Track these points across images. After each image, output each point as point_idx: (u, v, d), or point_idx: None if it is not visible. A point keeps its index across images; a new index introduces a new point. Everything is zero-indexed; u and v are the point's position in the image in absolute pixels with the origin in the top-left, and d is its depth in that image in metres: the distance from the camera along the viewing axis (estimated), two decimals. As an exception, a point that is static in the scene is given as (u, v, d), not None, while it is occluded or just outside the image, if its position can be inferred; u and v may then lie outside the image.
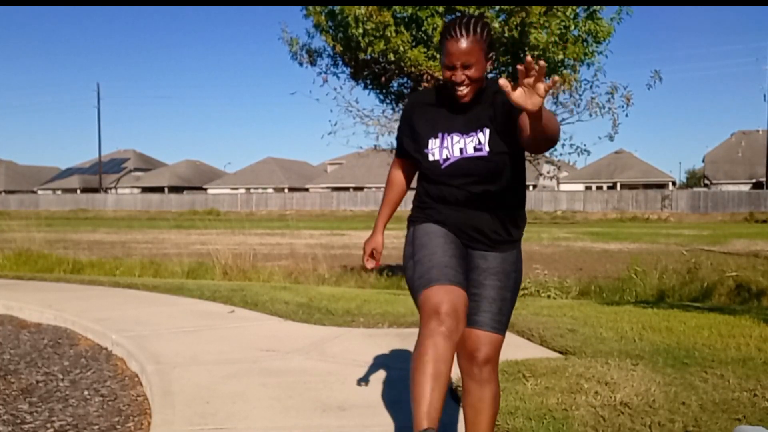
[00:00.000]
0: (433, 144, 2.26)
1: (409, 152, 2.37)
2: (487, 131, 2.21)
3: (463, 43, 2.13)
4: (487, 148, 2.20)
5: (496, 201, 2.25)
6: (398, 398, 3.27)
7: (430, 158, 2.25)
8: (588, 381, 3.49)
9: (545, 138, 1.94)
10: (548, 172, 17.45)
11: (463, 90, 2.18)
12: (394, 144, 9.66)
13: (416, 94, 2.49)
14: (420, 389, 1.90)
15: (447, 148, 2.24)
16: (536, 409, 3.04)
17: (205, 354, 4.25)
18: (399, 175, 2.52)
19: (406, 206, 2.54)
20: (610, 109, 8.92)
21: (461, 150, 2.22)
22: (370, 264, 2.47)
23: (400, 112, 9.01)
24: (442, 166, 2.23)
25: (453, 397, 3.25)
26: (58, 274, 9.78)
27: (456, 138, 2.23)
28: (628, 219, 39.96)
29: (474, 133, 2.22)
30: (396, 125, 9.01)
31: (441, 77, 2.29)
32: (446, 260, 2.17)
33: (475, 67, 2.15)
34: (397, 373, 3.73)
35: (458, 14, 8.12)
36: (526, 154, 2.34)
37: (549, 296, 8.11)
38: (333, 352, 4.32)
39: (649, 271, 9.65)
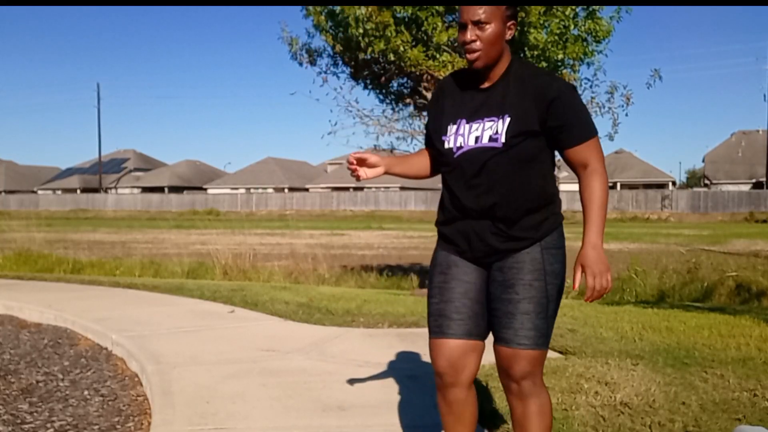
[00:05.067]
0: (451, 130, 2.04)
1: (431, 141, 2.17)
2: (508, 119, 1.94)
3: None
4: (503, 139, 1.94)
5: (504, 202, 1.99)
6: (398, 398, 3.27)
7: (446, 145, 2.04)
8: (588, 381, 3.49)
9: None
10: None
11: (474, 54, 1.94)
12: (394, 144, 9.38)
13: (448, 76, 2.21)
14: None
15: (462, 135, 2.00)
16: (536, 409, 3.04)
17: (205, 354, 4.25)
18: (426, 157, 2.27)
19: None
20: (609, 108, 8.90)
21: (477, 138, 1.97)
22: (357, 172, 2.15)
23: (400, 111, 8.95)
24: (455, 155, 2.01)
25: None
26: (58, 274, 9.79)
27: (475, 125, 1.99)
28: (629, 219, 39.94)
29: (494, 119, 1.96)
30: (396, 125, 9.00)
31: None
32: (448, 309, 2.12)
33: (490, 28, 1.92)
34: (397, 373, 3.73)
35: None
36: None
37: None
38: (333, 352, 4.32)
39: (649, 271, 9.66)
